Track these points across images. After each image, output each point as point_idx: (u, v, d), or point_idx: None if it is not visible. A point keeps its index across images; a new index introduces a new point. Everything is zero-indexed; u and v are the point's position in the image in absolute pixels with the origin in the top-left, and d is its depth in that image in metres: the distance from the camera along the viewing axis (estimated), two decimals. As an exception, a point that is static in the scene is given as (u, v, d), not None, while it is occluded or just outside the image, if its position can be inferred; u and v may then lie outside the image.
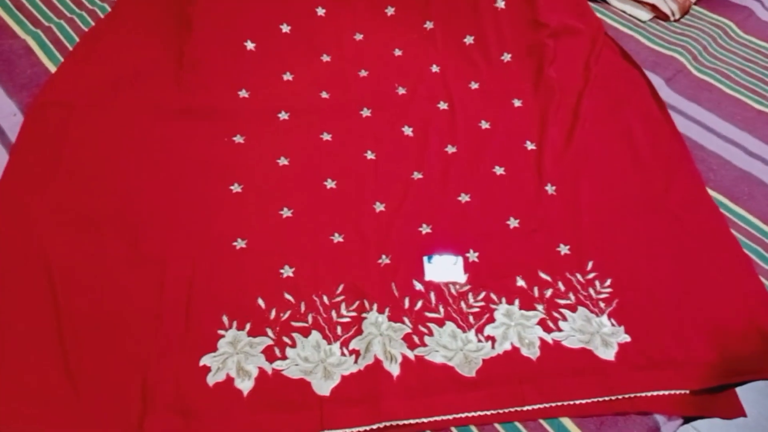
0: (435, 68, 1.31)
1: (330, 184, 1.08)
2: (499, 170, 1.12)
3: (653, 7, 1.53)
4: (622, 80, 1.31)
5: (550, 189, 1.09)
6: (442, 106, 1.24)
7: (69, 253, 0.94)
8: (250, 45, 1.28)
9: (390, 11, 1.36)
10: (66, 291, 0.90)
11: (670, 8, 1.52)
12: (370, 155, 1.13)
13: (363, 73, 1.28)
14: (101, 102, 1.17)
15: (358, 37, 1.34)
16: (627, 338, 0.90)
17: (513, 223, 1.04)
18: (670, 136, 1.20)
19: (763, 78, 1.40)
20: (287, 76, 1.27)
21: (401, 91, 1.26)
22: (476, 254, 0.99)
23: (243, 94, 1.22)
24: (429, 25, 1.35)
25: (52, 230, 0.97)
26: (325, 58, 1.30)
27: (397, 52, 1.33)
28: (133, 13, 1.35)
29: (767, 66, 1.43)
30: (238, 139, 1.14)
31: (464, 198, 1.07)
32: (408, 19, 1.36)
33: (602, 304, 0.94)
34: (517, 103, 1.25)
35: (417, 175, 1.10)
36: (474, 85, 1.28)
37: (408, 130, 1.18)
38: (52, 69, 1.24)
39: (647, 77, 1.32)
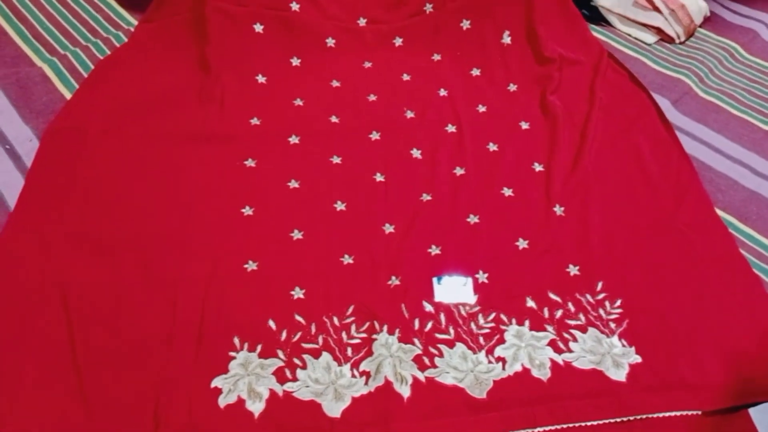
0: (443, 92, 1.33)
1: (340, 206, 1.09)
2: (507, 192, 1.13)
3: (658, 30, 1.55)
4: (629, 103, 1.33)
5: (558, 210, 1.10)
6: (450, 128, 1.25)
7: (83, 275, 0.96)
8: (261, 78, 1.31)
9: (398, 42, 1.38)
10: (79, 313, 0.91)
11: (676, 31, 1.54)
12: (379, 177, 1.14)
13: (372, 98, 1.31)
14: (115, 128, 1.19)
15: (367, 64, 1.37)
16: (638, 359, 0.90)
17: (522, 244, 1.05)
18: (679, 157, 1.21)
19: (770, 99, 1.41)
20: (298, 102, 1.29)
21: (410, 114, 1.28)
22: (486, 275, 1.00)
23: (255, 121, 1.24)
24: (436, 57, 1.38)
25: (66, 253, 0.98)
26: (335, 83, 1.33)
27: (406, 77, 1.35)
28: (148, 45, 1.38)
29: (773, 87, 1.45)
30: (250, 162, 1.15)
31: (473, 219, 1.08)
32: (415, 51, 1.40)
33: (613, 325, 0.94)
34: (524, 125, 1.27)
35: (426, 197, 1.11)
36: (482, 108, 1.30)
37: (417, 153, 1.20)
38: (68, 96, 1.27)
39: (654, 100, 1.33)
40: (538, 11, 1.40)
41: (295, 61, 1.35)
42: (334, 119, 1.26)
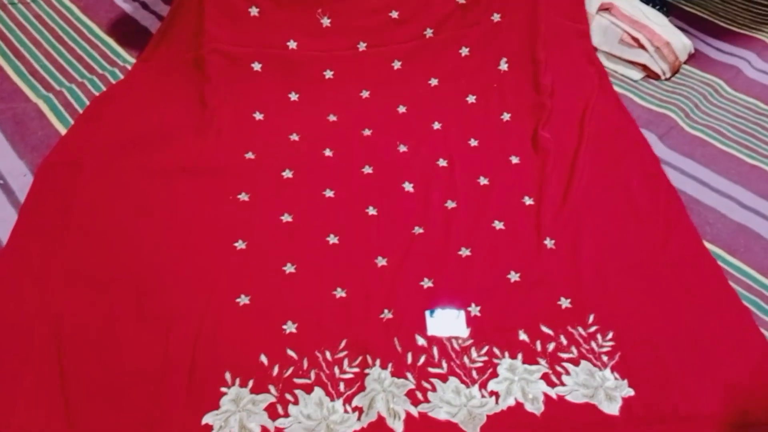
0: (437, 125, 1.35)
1: (332, 239, 1.10)
2: (498, 225, 1.14)
3: (644, 67, 1.58)
4: (618, 136, 1.34)
5: (549, 243, 1.11)
6: (442, 163, 1.27)
7: (75, 310, 0.95)
8: (258, 115, 1.33)
9: (397, 65, 1.39)
10: (71, 347, 0.90)
11: (661, 68, 1.57)
12: (371, 211, 1.15)
13: (366, 132, 1.32)
14: (109, 162, 1.20)
15: (365, 94, 1.38)
16: (631, 392, 0.90)
17: (514, 276, 1.05)
18: (666, 191, 1.22)
19: (754, 133, 1.43)
20: (294, 137, 1.30)
21: (403, 148, 1.29)
22: (478, 308, 1.00)
23: (249, 155, 1.25)
24: (434, 81, 1.39)
25: (58, 287, 0.98)
26: (332, 117, 1.34)
27: (401, 109, 1.37)
28: (145, 82, 1.40)
29: (758, 122, 1.46)
30: (243, 197, 1.16)
31: (465, 252, 1.09)
32: (413, 75, 1.40)
33: (605, 358, 0.94)
34: (514, 160, 1.28)
35: (418, 230, 1.12)
36: (473, 142, 1.32)
37: (409, 186, 1.21)
38: (63, 131, 1.28)
39: (642, 134, 1.35)
40: (540, 40, 1.40)
41: (293, 96, 1.37)
42: (327, 153, 1.27)
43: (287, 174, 1.22)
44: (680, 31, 1.64)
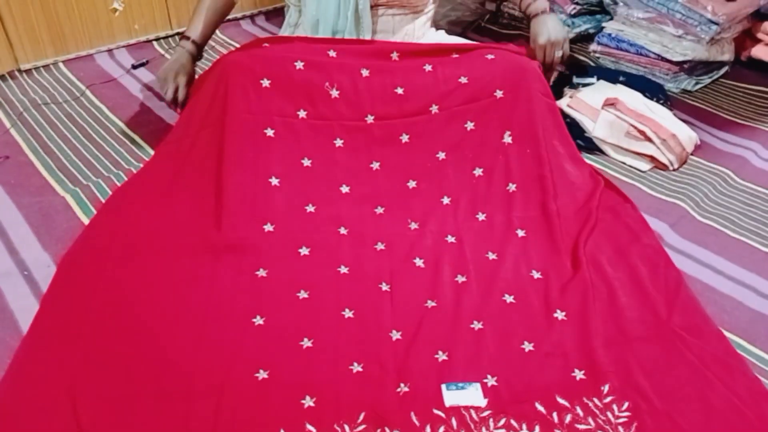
0: (446, 200, 1.39)
1: (348, 314, 1.12)
2: (508, 298, 1.17)
3: (652, 158, 1.61)
4: (617, 212, 1.38)
5: (559, 315, 1.13)
6: (450, 239, 1.30)
7: (95, 389, 0.97)
8: (274, 180, 1.35)
9: (405, 138, 1.42)
10: (92, 427, 0.91)
11: (669, 159, 1.60)
12: (384, 287, 1.18)
13: (379, 210, 1.36)
14: (130, 246, 1.23)
15: (375, 166, 1.41)
16: None
17: (527, 346, 1.07)
18: (666, 264, 1.25)
19: (765, 221, 1.44)
20: (310, 208, 1.33)
21: (413, 226, 1.33)
22: (494, 379, 1.01)
23: (268, 227, 1.28)
24: (441, 155, 1.43)
25: (78, 368, 1.00)
26: (344, 189, 1.38)
27: (411, 184, 1.40)
28: (161, 170, 1.43)
29: (768, 210, 1.48)
30: (261, 272, 1.19)
31: (477, 325, 1.11)
32: (421, 149, 1.43)
33: (621, 429, 0.94)
34: (520, 233, 1.32)
35: (430, 304, 1.14)
36: (481, 217, 1.36)
37: (419, 262, 1.24)
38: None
39: (632, 203, 1.39)
40: (536, 115, 1.44)
41: (306, 162, 1.38)
42: (342, 231, 1.30)
43: (304, 251, 1.25)
44: (684, 123, 1.69)
